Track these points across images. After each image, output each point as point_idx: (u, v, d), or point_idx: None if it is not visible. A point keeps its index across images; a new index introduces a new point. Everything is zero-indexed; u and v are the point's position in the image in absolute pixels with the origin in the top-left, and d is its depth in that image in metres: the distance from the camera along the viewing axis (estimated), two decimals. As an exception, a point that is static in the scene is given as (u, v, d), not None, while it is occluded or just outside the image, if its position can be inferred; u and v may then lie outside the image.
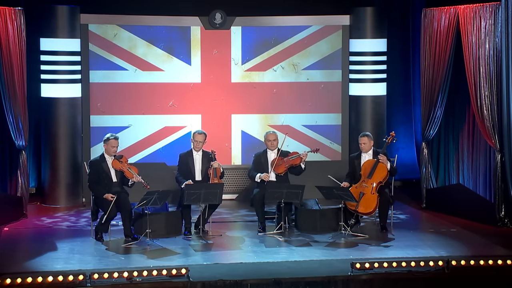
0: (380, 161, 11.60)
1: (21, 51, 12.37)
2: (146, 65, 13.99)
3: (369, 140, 11.90)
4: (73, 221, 12.47)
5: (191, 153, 11.83)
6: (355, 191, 11.53)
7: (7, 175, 13.10)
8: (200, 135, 11.81)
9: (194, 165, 11.77)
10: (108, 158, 11.45)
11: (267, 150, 12.04)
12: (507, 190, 11.98)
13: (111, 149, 11.46)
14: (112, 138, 11.51)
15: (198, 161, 11.79)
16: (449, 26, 12.58)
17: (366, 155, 11.87)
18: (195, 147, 11.80)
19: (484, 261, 9.88)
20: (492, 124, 12.06)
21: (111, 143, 11.46)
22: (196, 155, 11.81)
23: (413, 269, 9.73)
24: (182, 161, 11.84)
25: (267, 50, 14.19)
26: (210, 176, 11.63)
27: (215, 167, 11.65)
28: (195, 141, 11.79)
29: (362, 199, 11.49)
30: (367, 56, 13.99)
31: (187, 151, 11.90)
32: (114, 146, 11.48)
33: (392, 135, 11.96)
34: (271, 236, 11.48)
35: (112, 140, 11.49)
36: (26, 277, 9.17)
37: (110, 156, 11.44)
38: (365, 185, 11.57)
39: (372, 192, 11.52)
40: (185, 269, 9.48)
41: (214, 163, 11.66)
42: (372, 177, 11.58)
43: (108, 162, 11.42)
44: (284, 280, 9.41)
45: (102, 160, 11.46)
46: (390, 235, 11.53)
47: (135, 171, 11.33)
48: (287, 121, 14.27)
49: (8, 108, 12.29)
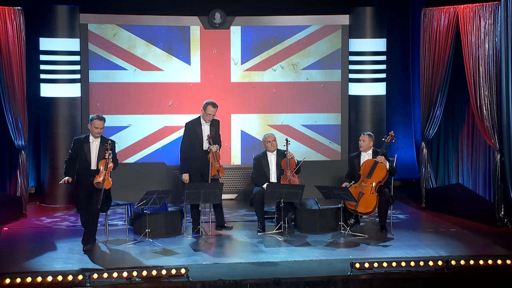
0: (379, 162, 11.62)
1: (20, 50, 12.38)
2: (146, 65, 13.99)
3: (369, 139, 11.90)
4: (72, 220, 12.46)
5: (199, 123, 11.74)
6: (354, 191, 11.53)
7: (6, 175, 13.11)
8: (214, 108, 11.70)
9: (202, 133, 11.68)
10: (92, 140, 10.78)
11: (266, 152, 12.04)
12: (506, 190, 11.98)
13: (94, 130, 10.74)
14: (95, 118, 10.80)
15: (206, 130, 11.71)
16: (449, 26, 12.58)
17: (365, 155, 11.87)
18: (206, 119, 11.70)
19: (484, 261, 9.88)
20: (492, 124, 12.06)
21: (94, 124, 10.76)
22: (204, 125, 11.73)
23: (413, 269, 9.72)
24: (190, 129, 11.74)
25: (267, 50, 14.19)
26: (211, 161, 11.55)
27: (214, 151, 11.56)
28: (208, 114, 11.66)
29: (361, 199, 11.49)
30: (366, 56, 13.99)
31: (194, 119, 11.80)
32: (97, 127, 10.75)
33: (391, 134, 11.96)
34: (270, 236, 11.48)
35: (96, 120, 10.77)
36: (26, 277, 9.16)
37: (95, 139, 10.78)
38: (364, 185, 11.58)
39: (372, 192, 11.52)
40: (185, 269, 9.47)
41: (212, 147, 11.55)
42: (371, 177, 11.58)
43: (92, 145, 10.76)
44: (284, 280, 9.40)
45: (85, 141, 10.81)
46: (389, 235, 11.53)
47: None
48: (287, 121, 14.27)
49: (7, 108, 12.29)
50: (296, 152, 12.59)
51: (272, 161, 11.98)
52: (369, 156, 11.84)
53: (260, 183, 11.86)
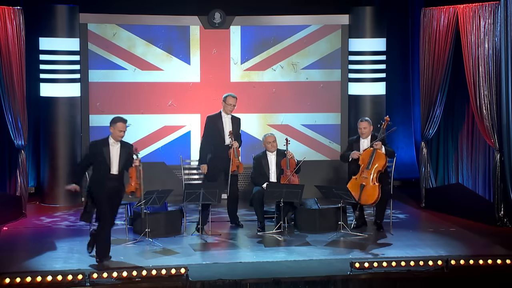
0: (376, 149, 11.58)
1: (20, 50, 12.37)
2: (145, 65, 13.99)
3: (369, 125, 11.88)
4: (72, 220, 12.46)
5: (220, 116, 11.91)
6: (355, 183, 11.53)
7: (6, 175, 13.11)
8: (234, 98, 11.90)
9: (224, 127, 11.86)
10: (112, 144, 10.01)
11: (266, 152, 12.04)
12: (506, 189, 11.98)
13: (118, 133, 9.95)
14: (119, 120, 9.97)
15: (228, 124, 11.89)
16: (448, 25, 12.59)
17: (365, 140, 11.85)
18: (228, 110, 11.89)
19: (483, 261, 9.88)
20: (491, 123, 12.06)
21: (118, 127, 9.96)
22: (225, 118, 11.92)
23: (412, 269, 9.72)
24: (211, 122, 11.90)
25: (267, 50, 14.19)
26: (231, 157, 11.66)
27: (235, 147, 11.70)
28: (229, 105, 11.85)
29: (363, 190, 11.47)
30: (366, 56, 13.99)
31: (215, 113, 11.97)
32: (122, 130, 9.96)
33: (387, 119, 11.90)
34: (270, 235, 11.49)
35: (120, 123, 9.96)
36: (25, 277, 9.15)
37: (116, 142, 10.02)
38: (364, 176, 11.55)
39: (373, 183, 11.50)
40: (184, 268, 9.47)
41: (234, 142, 11.72)
42: (370, 167, 11.55)
43: (112, 149, 9.99)
44: (284, 280, 9.40)
45: (105, 144, 10.00)
46: (389, 234, 11.53)
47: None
48: (286, 121, 14.27)
49: (7, 107, 12.29)
50: (296, 152, 12.59)
51: (272, 161, 11.98)
52: (368, 142, 11.79)
53: (260, 183, 11.86)
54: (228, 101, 11.90)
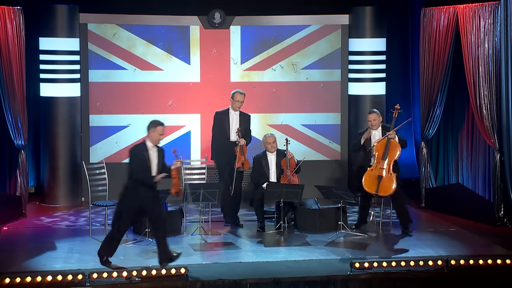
0: (390, 138, 11.56)
1: (20, 50, 12.38)
2: (145, 65, 13.99)
3: (378, 116, 11.84)
4: (72, 220, 12.47)
5: (227, 112, 12.05)
6: (372, 174, 11.48)
7: (6, 175, 13.10)
8: (242, 94, 12.02)
9: (229, 122, 12.00)
10: (151, 148, 9.85)
11: (266, 152, 12.04)
12: (506, 189, 11.98)
13: (159, 136, 9.86)
14: (160, 124, 9.87)
15: (235, 120, 12.02)
16: (448, 25, 12.59)
17: (376, 132, 11.81)
18: (236, 107, 12.02)
19: (483, 261, 9.88)
20: (491, 123, 12.06)
21: (158, 130, 9.83)
22: (232, 114, 12.04)
23: (412, 269, 9.72)
24: (218, 117, 12.06)
25: (267, 50, 14.19)
26: (237, 154, 11.73)
27: (241, 145, 11.77)
28: (237, 101, 11.97)
29: (381, 182, 11.44)
30: (366, 56, 13.99)
31: (223, 109, 12.13)
32: (161, 134, 9.88)
33: (397, 108, 11.85)
34: (270, 235, 11.48)
35: (161, 127, 9.85)
36: (25, 277, 9.16)
37: (153, 146, 9.87)
38: (381, 167, 11.52)
39: (390, 173, 11.49)
40: (184, 268, 9.48)
41: (241, 140, 11.81)
42: (386, 158, 11.53)
43: (152, 153, 9.85)
44: (283, 280, 9.40)
45: (145, 148, 9.84)
46: (389, 234, 11.53)
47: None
48: (286, 121, 14.27)
49: (7, 107, 12.29)
50: (296, 152, 12.59)
51: (272, 161, 11.98)
52: (379, 133, 11.75)
53: (260, 183, 11.86)
54: (236, 97, 12.00)
